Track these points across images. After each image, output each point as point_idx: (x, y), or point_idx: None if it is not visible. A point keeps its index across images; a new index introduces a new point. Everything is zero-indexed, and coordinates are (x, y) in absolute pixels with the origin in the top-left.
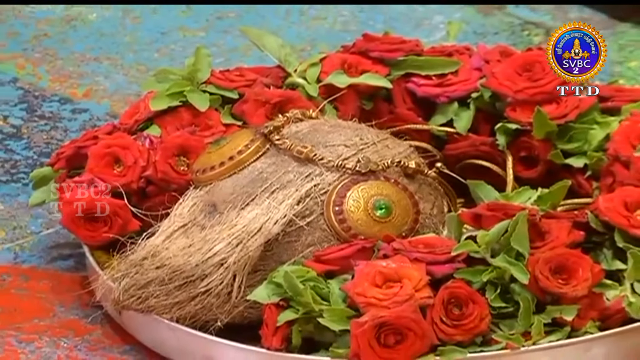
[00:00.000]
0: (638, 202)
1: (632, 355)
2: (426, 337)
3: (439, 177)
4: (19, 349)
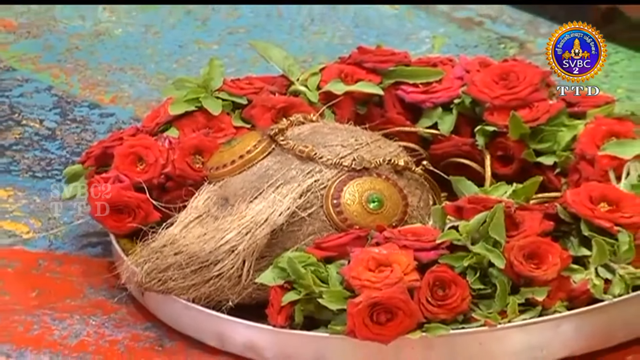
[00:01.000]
0: (601, 195)
1: (596, 331)
2: (414, 316)
3: (425, 174)
4: (53, 326)
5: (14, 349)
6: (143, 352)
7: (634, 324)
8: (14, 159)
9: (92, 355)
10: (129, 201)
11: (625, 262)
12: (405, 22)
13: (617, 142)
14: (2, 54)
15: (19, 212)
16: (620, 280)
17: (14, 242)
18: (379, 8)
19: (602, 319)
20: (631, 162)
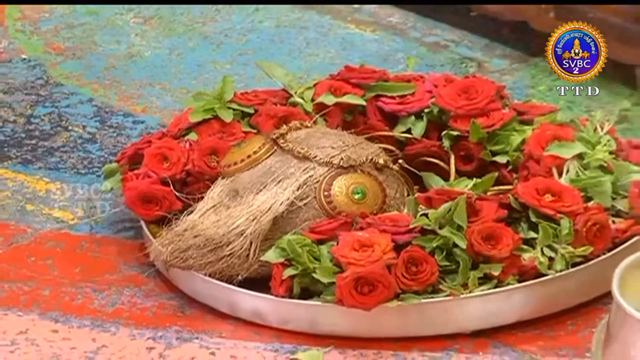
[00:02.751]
0: (546, 188)
1: (543, 300)
2: (391, 288)
3: (400, 170)
4: (93, 296)
5: (61, 315)
6: (168, 318)
7: (573, 294)
8: (61, 159)
9: (125, 320)
10: (156, 193)
11: (566, 243)
12: (384, 46)
13: (559, 144)
14: (52, 71)
15: (65, 202)
16: (561, 258)
17: (62, 227)
18: (362, 34)
19: (547, 290)
20: (570, 161)
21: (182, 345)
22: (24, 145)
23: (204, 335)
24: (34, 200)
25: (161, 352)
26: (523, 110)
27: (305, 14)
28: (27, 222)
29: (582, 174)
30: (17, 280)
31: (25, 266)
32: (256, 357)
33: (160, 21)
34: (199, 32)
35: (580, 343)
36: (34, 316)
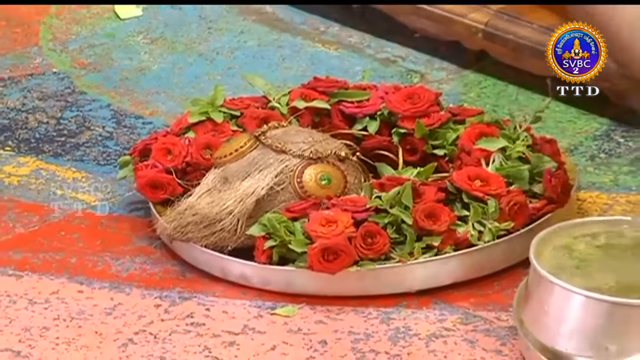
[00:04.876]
0: (476, 175)
1: (474, 265)
2: (352, 256)
3: (358, 161)
4: (112, 263)
5: (85, 279)
6: (172, 281)
7: (499, 260)
8: (85, 152)
9: (137, 283)
10: (161, 180)
11: (492, 220)
12: (344, 61)
13: (486, 139)
14: (77, 82)
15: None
16: (489, 231)
17: (86, 207)
18: (328, 51)
19: (477, 257)
20: (495, 153)
21: (183, 302)
22: (55, 142)
23: (201, 294)
24: (63, 186)
25: (166, 308)
26: (457, 112)
27: (282, 36)
28: (58, 204)
29: (505, 163)
30: (50, 250)
31: (57, 239)
32: (243, 312)
33: (165, 41)
34: (195, 50)
35: (505, 300)
36: (63, 280)
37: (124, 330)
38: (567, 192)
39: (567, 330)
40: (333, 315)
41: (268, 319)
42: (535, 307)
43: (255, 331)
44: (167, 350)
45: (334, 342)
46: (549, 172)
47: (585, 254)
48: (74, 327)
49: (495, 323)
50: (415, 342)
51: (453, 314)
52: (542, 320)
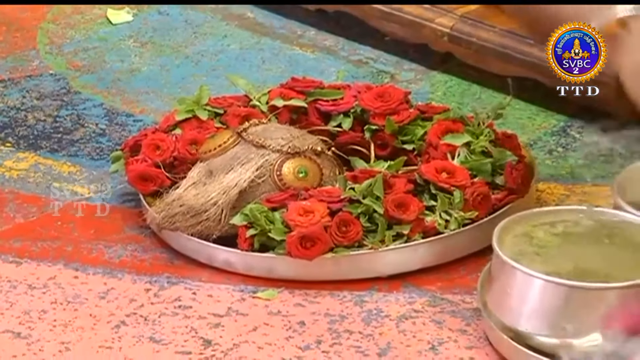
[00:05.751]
0: (443, 168)
1: (441, 252)
2: (327, 243)
3: (333, 155)
4: (105, 251)
5: (81, 265)
6: (161, 267)
7: (464, 247)
8: (80, 148)
9: (129, 269)
10: (151, 173)
11: (458, 209)
12: (320, 63)
13: (452, 135)
14: (73, 83)
15: (83, 181)
16: (455, 220)
17: (80, 199)
18: (305, 54)
19: (444, 244)
20: (461, 148)
21: (171, 287)
22: (51, 138)
23: (188, 279)
24: (60, 179)
25: (156, 292)
26: (424, 110)
27: (262, 39)
28: (55, 196)
29: (469, 157)
30: (48, 239)
31: (54, 228)
32: (227, 296)
33: (153, 45)
34: (182, 53)
35: (470, 283)
36: (60, 266)
37: (116, 313)
38: (527, 183)
39: (527, 311)
40: (310, 298)
41: (250, 302)
42: (498, 290)
43: (238, 313)
44: (157, 331)
45: (311, 323)
46: (510, 165)
47: (544, 241)
48: (70, 310)
49: (460, 305)
50: (387, 322)
51: (421, 297)
52: (505, 302)
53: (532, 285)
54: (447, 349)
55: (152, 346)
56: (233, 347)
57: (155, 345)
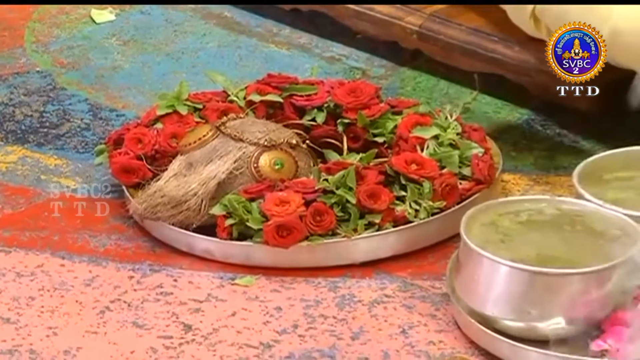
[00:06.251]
0: (412, 160)
1: (411, 240)
2: (303, 232)
3: (308, 148)
4: (90, 240)
5: (67, 254)
6: (143, 255)
7: (433, 235)
8: (66, 142)
9: (113, 257)
10: (133, 166)
11: (427, 199)
12: (295, 59)
13: (421, 128)
14: (58, 80)
15: (69, 173)
16: (424, 210)
17: (67, 191)
18: (280, 51)
19: (414, 232)
20: (429, 140)
21: (153, 274)
22: (38, 133)
23: (169, 267)
24: (47, 172)
25: (138, 279)
26: (394, 104)
27: (239, 37)
28: (42, 187)
29: (437, 149)
30: (35, 229)
31: (41, 219)
32: (206, 282)
33: (135, 43)
34: (163, 50)
35: (439, 270)
36: (47, 255)
37: (101, 299)
38: (493, 174)
39: (494, 296)
40: (287, 284)
41: (229, 288)
42: (466, 277)
43: (217, 299)
44: (140, 317)
45: (287, 308)
46: (476, 157)
47: (509, 229)
48: (57, 296)
49: (430, 290)
50: (359, 307)
51: (393, 283)
52: (472, 288)
53: (498, 272)
54: (418, 333)
55: (135, 331)
56: (213, 331)
57: (139, 330)
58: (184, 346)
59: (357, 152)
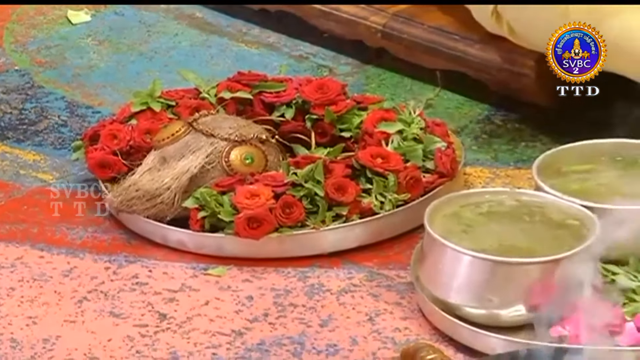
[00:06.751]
0: (378, 154)
1: (377, 231)
2: (273, 224)
3: (277, 143)
4: (68, 232)
5: (46, 246)
6: (119, 247)
7: (398, 226)
8: (44, 138)
9: (90, 249)
10: (109, 161)
11: (392, 192)
12: (264, 58)
13: (385, 123)
14: (36, 78)
15: (47, 168)
16: (389, 202)
17: (45, 185)
18: (250, 50)
19: (379, 224)
20: (394, 135)
21: (129, 265)
22: (17, 129)
23: (144, 258)
24: (25, 167)
25: (115, 270)
26: (360, 100)
27: (210, 37)
28: (21, 182)
29: (402, 144)
30: (15, 222)
31: (20, 212)
32: (180, 273)
33: (110, 43)
34: (137, 50)
35: (404, 260)
36: (26, 247)
37: (79, 290)
38: (455, 167)
39: (457, 285)
40: (257, 274)
41: (202, 278)
42: (430, 266)
43: (191, 289)
44: (116, 306)
45: (258, 297)
46: (439, 151)
47: (471, 220)
48: (36, 287)
49: (395, 280)
50: (328, 296)
51: (360, 272)
52: (436, 276)
53: (461, 261)
54: (384, 320)
55: (112, 320)
56: (186, 320)
57: (115, 319)
58: (159, 334)
59: (325, 147)
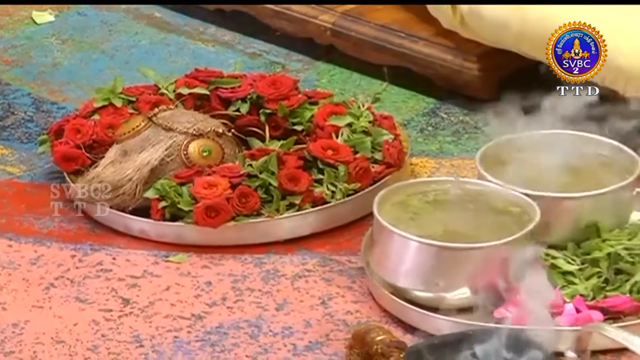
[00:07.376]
0: (328, 146)
1: (328, 219)
2: (229, 213)
3: (233, 136)
4: (35, 222)
5: (14, 235)
6: (84, 236)
7: (348, 214)
8: (11, 133)
9: (56, 238)
10: (73, 154)
11: (343, 182)
12: (220, 55)
13: (335, 117)
14: (3, 76)
15: (14, 161)
16: (340, 191)
17: (12, 177)
18: (206, 48)
19: (331, 212)
20: (344, 128)
21: (94, 253)
22: None
23: (108, 246)
24: None
25: (80, 258)
26: (311, 95)
27: (169, 36)
28: None
29: (351, 136)
30: None
31: None
32: (142, 260)
33: (74, 42)
34: (99, 48)
35: (354, 246)
36: None
37: (46, 277)
38: (402, 158)
39: (404, 269)
40: (216, 261)
41: (163, 265)
42: (379, 252)
43: (153, 275)
44: (82, 292)
45: (217, 283)
46: (387, 143)
47: (418, 208)
48: (5, 274)
49: (347, 265)
50: (283, 281)
51: (313, 258)
52: (385, 262)
53: (408, 247)
54: (336, 303)
55: (78, 305)
56: (149, 304)
57: (81, 304)
58: (122, 318)
59: (278, 140)
